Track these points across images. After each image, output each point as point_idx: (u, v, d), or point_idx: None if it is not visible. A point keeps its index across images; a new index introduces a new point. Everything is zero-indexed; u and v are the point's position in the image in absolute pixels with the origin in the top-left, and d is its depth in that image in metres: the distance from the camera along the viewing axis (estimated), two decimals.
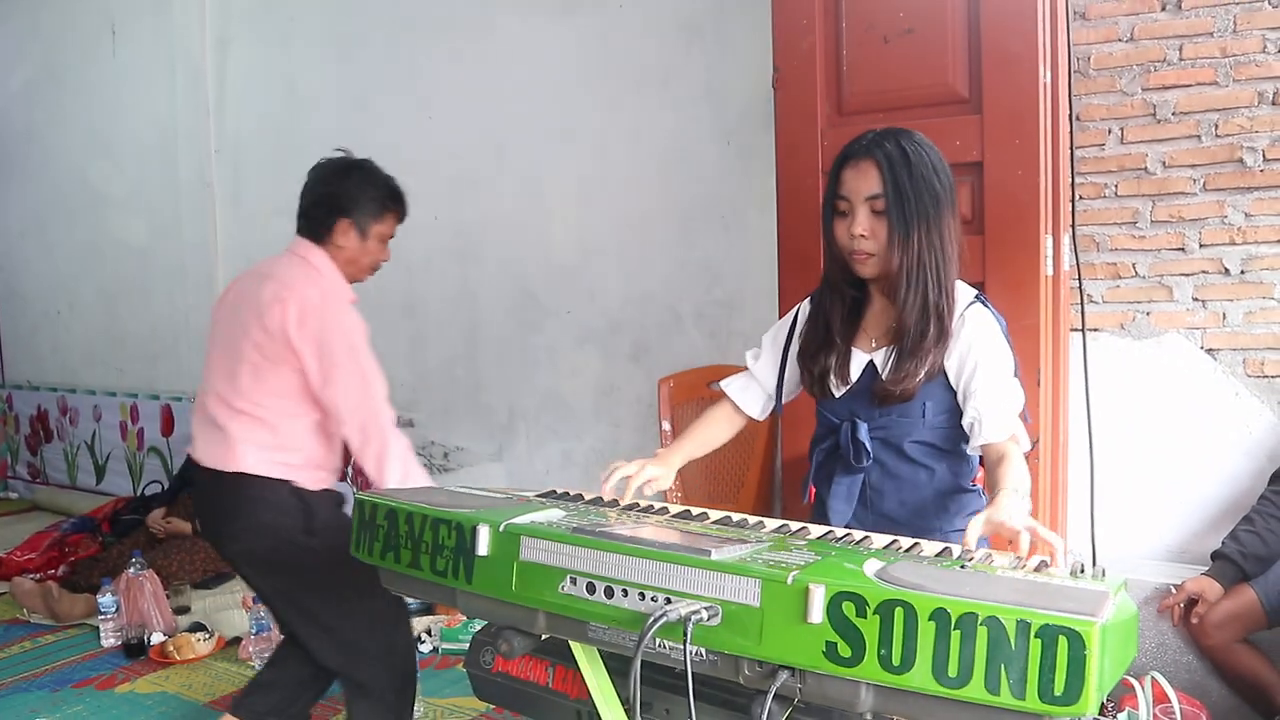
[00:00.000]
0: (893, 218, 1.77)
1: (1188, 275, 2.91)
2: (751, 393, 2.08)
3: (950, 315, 1.81)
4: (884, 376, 1.84)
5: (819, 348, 1.92)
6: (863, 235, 1.79)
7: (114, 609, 3.74)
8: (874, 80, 2.67)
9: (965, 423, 1.82)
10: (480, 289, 4.30)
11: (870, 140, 1.81)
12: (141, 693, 3.33)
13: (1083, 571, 1.30)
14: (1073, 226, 2.92)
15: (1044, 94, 2.52)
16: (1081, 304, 2.97)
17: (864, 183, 1.79)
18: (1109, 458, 2.98)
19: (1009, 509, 1.52)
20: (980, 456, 1.92)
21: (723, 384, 2.11)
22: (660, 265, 3.80)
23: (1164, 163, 2.91)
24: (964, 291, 1.86)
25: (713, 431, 2.09)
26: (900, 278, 1.79)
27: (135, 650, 3.63)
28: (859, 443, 1.88)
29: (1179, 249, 2.91)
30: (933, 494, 1.90)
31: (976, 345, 1.81)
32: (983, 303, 1.87)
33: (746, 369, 2.11)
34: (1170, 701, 2.35)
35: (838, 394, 1.92)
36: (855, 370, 1.90)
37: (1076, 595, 1.10)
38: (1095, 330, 3.01)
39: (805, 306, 2.02)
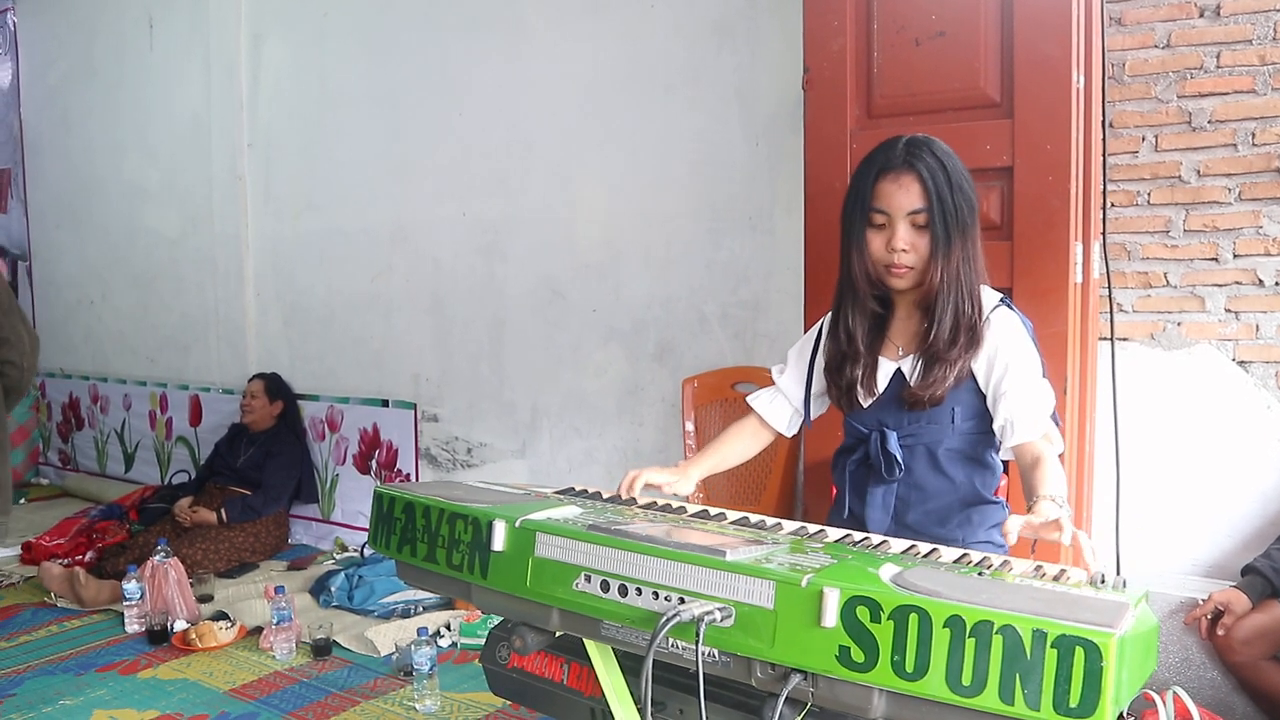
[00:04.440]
0: (937, 232, 1.75)
1: (1220, 286, 2.87)
2: (778, 407, 2.07)
3: (980, 323, 1.80)
4: (913, 383, 1.83)
5: (844, 360, 1.91)
6: (904, 250, 1.78)
7: (139, 596, 3.79)
8: (905, 83, 2.65)
9: (997, 426, 1.80)
10: (506, 286, 4.31)
11: (907, 150, 1.78)
12: (164, 679, 3.36)
13: (1103, 582, 1.29)
14: (1103, 234, 2.88)
15: (1077, 99, 2.49)
16: (1111, 313, 2.93)
17: (906, 197, 1.76)
18: (1136, 469, 2.94)
19: (1050, 514, 1.53)
20: (1009, 463, 1.90)
21: (749, 399, 2.10)
22: (686, 265, 3.79)
23: (1199, 171, 2.87)
24: (989, 295, 1.85)
25: (738, 446, 2.09)
26: (939, 290, 1.78)
27: (158, 637, 3.67)
28: (889, 454, 1.87)
29: (1212, 259, 2.87)
30: (957, 504, 1.89)
31: (1004, 347, 1.79)
32: (1008, 306, 1.86)
33: (771, 379, 2.10)
34: (1193, 718, 2.32)
35: (865, 404, 1.91)
36: (882, 380, 1.89)
37: (1095, 606, 1.08)
38: (1124, 340, 2.97)
39: (829, 319, 2.01)
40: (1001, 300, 1.87)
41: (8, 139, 6.65)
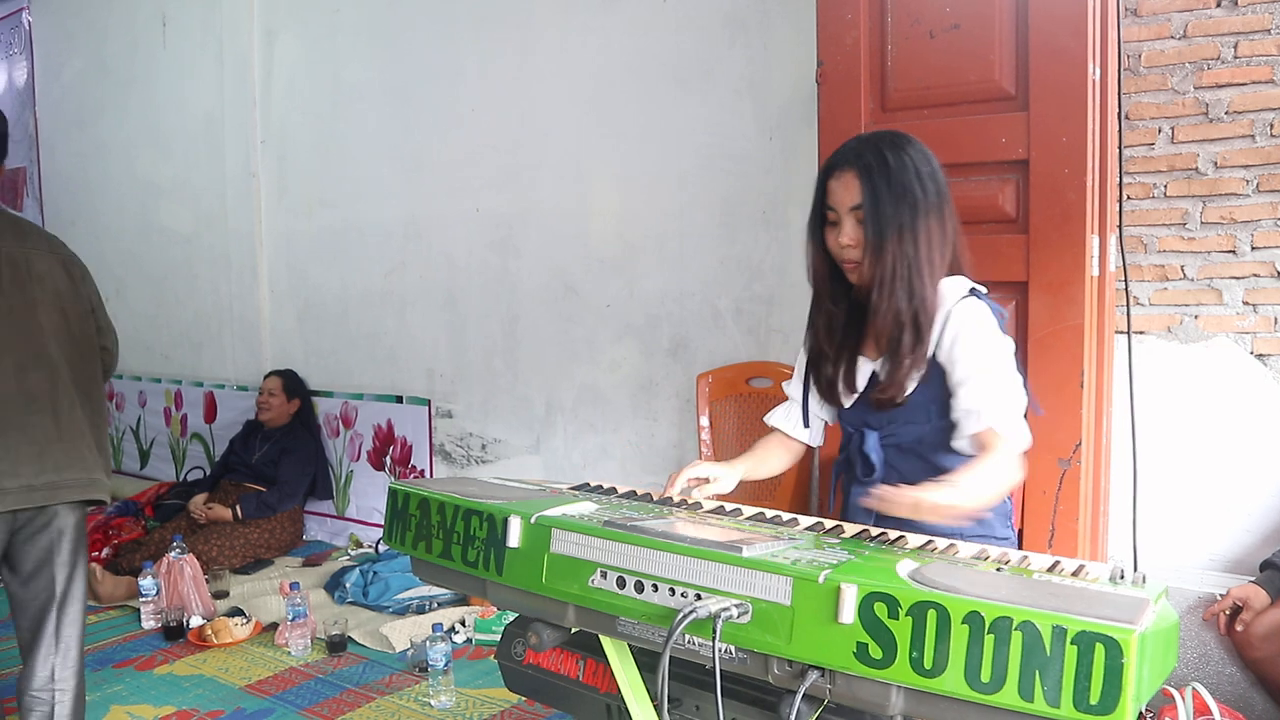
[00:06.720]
0: (868, 228, 1.77)
1: (1238, 278, 2.84)
2: (794, 418, 2.08)
3: (927, 322, 1.79)
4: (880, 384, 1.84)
5: (820, 358, 1.94)
6: (849, 245, 1.80)
7: (154, 592, 3.80)
8: (919, 76, 2.64)
9: (954, 418, 1.80)
10: (520, 282, 4.31)
11: (852, 149, 1.81)
12: (180, 675, 3.38)
13: (1122, 578, 1.28)
14: (1120, 227, 2.86)
15: (1092, 91, 2.48)
16: (1128, 306, 2.92)
17: (847, 193, 1.79)
18: (1154, 464, 2.92)
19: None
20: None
21: (766, 419, 2.12)
22: (700, 260, 3.79)
23: (1216, 163, 2.84)
24: (955, 287, 1.83)
25: (770, 460, 2.09)
26: (875, 287, 1.79)
27: (174, 633, 3.68)
28: (865, 455, 1.87)
29: (1230, 251, 2.85)
30: None
31: (961, 339, 1.78)
32: (977, 295, 1.84)
33: (786, 375, 2.11)
34: (1212, 714, 2.31)
35: (848, 404, 1.92)
36: (862, 379, 1.90)
37: (1115, 602, 1.07)
38: (1141, 333, 2.95)
39: None
40: (971, 290, 1.84)
41: (22, 137, 6.67)
